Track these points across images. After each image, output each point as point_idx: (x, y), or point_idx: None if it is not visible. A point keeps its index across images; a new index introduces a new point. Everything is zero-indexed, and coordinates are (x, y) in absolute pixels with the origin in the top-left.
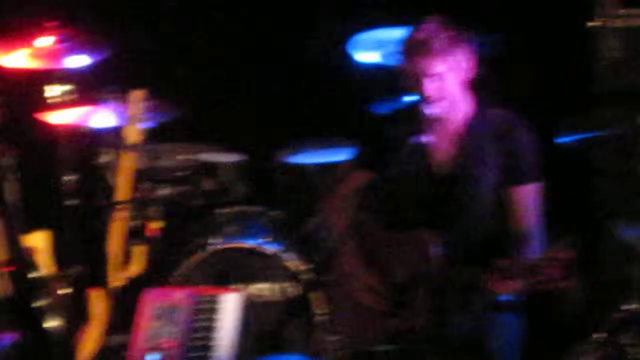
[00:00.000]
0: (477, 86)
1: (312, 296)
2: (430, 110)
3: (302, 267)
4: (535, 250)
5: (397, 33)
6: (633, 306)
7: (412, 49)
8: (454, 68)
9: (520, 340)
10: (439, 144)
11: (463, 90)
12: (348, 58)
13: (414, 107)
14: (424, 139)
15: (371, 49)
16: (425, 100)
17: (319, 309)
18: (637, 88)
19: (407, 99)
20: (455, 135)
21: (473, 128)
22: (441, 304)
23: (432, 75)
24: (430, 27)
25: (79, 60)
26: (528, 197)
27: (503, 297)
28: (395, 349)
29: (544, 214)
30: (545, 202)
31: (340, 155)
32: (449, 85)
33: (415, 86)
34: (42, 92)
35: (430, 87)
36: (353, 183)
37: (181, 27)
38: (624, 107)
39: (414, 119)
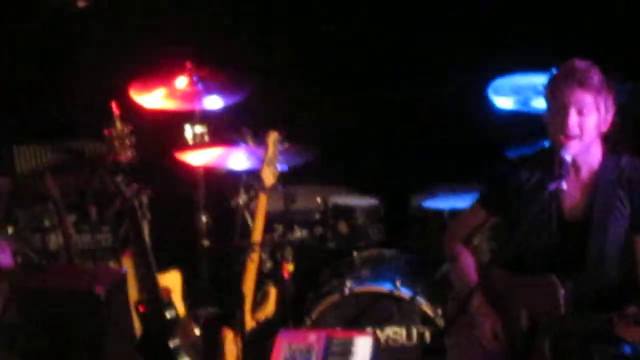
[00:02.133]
0: (612, 133)
1: (444, 341)
2: (565, 152)
3: (437, 312)
4: None
5: (536, 79)
6: None
7: (569, 75)
8: (600, 109)
9: None
10: (570, 190)
11: (598, 136)
12: (486, 103)
13: (548, 152)
14: (559, 184)
15: (509, 94)
16: (564, 134)
17: (450, 354)
18: None
19: (542, 144)
20: (587, 182)
21: (604, 176)
22: (566, 350)
23: (582, 108)
24: (588, 65)
25: (216, 102)
26: None
27: (627, 349)
28: None
29: None
30: None
31: (472, 200)
32: (590, 126)
33: (557, 119)
34: (179, 132)
35: (574, 120)
36: (480, 226)
37: (319, 71)
38: None
39: (548, 165)
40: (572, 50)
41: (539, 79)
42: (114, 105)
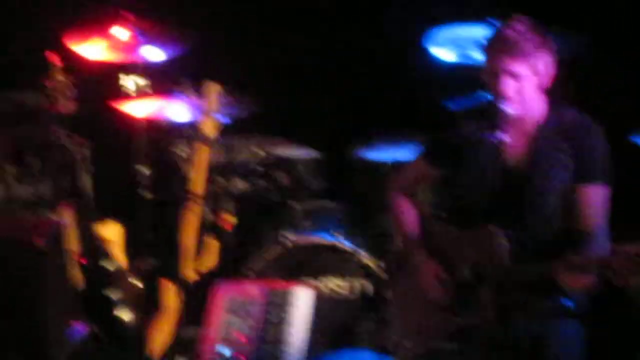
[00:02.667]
0: (554, 86)
1: (385, 293)
2: (505, 108)
3: (376, 264)
4: (601, 249)
5: (475, 31)
6: None
7: (499, 46)
8: (536, 71)
9: (582, 347)
10: (513, 141)
11: (539, 92)
12: (425, 54)
13: (489, 104)
14: (499, 136)
15: (448, 45)
16: (502, 99)
17: (390, 306)
18: None
19: (483, 96)
20: (528, 134)
21: (546, 128)
22: (506, 302)
23: (514, 75)
24: (520, 27)
25: (156, 53)
26: (595, 197)
27: (567, 302)
28: (458, 348)
29: (609, 215)
30: (621, 202)
31: (414, 151)
32: (528, 87)
33: (494, 84)
34: (119, 84)
35: (509, 86)
36: (422, 179)
37: (258, 23)
38: None
39: (489, 117)
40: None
41: (479, 31)
42: (53, 56)
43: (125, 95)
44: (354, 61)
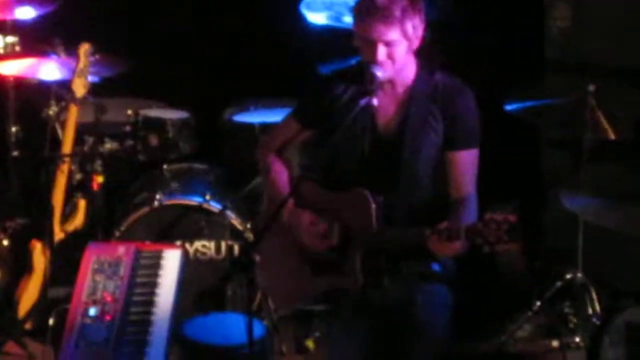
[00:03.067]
0: (425, 51)
1: (252, 254)
2: (378, 73)
3: (246, 226)
4: (471, 213)
5: None
6: (574, 274)
7: (370, 13)
8: (407, 35)
9: (449, 312)
10: (383, 106)
11: (410, 56)
12: (298, 17)
13: (361, 68)
14: (369, 100)
15: (321, 9)
16: (374, 64)
17: (257, 268)
18: (587, 57)
19: (354, 59)
20: (399, 98)
21: (417, 92)
22: (375, 266)
23: (387, 42)
24: None
25: (27, 12)
26: (466, 162)
27: (436, 266)
28: (326, 309)
29: (482, 180)
30: (491, 168)
31: (285, 114)
32: (399, 51)
33: (366, 50)
34: None
35: (382, 52)
36: (293, 139)
37: None
38: (573, 75)
39: (361, 80)
40: None
41: None
42: None
43: None
44: (227, 23)
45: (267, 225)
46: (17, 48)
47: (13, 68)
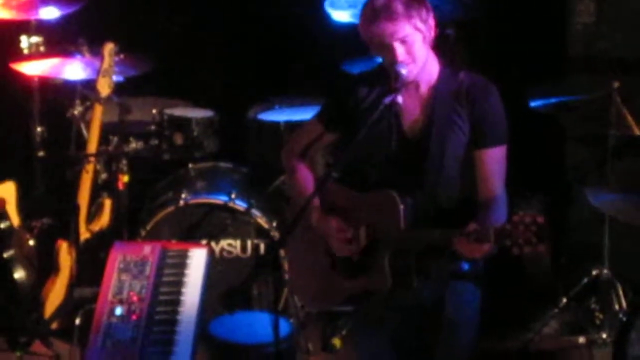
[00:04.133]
0: (449, 48)
1: (282, 253)
2: (403, 70)
3: (272, 224)
4: (500, 213)
5: None
6: (600, 271)
7: (373, 18)
8: (419, 28)
9: (478, 311)
10: (410, 105)
11: (430, 51)
12: (323, 16)
13: (385, 69)
14: (394, 97)
15: (345, 7)
16: (396, 63)
17: (287, 267)
18: (611, 53)
19: (378, 59)
20: (424, 98)
21: (441, 91)
22: (404, 267)
23: (401, 39)
24: None
25: (52, 12)
26: (494, 160)
27: (465, 266)
28: (356, 311)
29: (508, 177)
30: (517, 165)
31: (311, 113)
32: (417, 46)
33: (385, 54)
34: (14, 42)
35: (401, 51)
36: (318, 141)
37: None
38: (598, 72)
39: (386, 81)
40: None
41: None
42: None
43: (21, 54)
44: (251, 21)
45: (292, 224)
46: (42, 48)
47: (38, 68)
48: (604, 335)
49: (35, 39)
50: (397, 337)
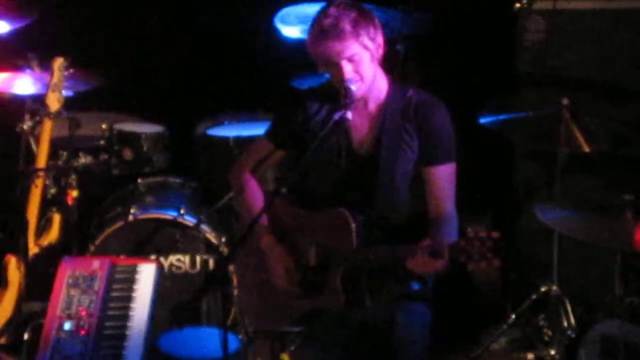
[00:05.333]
0: (399, 64)
1: (231, 269)
2: (353, 87)
3: (221, 240)
4: (451, 230)
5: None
6: (549, 287)
7: (321, 36)
8: (367, 46)
9: (428, 329)
10: (358, 123)
11: (378, 69)
12: (273, 32)
13: (335, 85)
14: (343, 113)
15: (295, 23)
16: (344, 81)
17: (236, 284)
18: (561, 70)
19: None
20: (372, 115)
21: (390, 108)
22: (356, 285)
23: (348, 58)
24: (334, 10)
25: (1, 26)
26: (444, 178)
27: (415, 286)
28: (304, 331)
29: (457, 194)
30: (466, 181)
31: (261, 129)
32: (365, 64)
33: (332, 71)
34: None
35: (348, 69)
36: (267, 159)
37: None
38: (547, 88)
39: (335, 98)
40: None
41: None
42: None
43: None
44: (202, 37)
45: (241, 240)
46: None
47: None
48: (553, 352)
49: None
50: (346, 356)
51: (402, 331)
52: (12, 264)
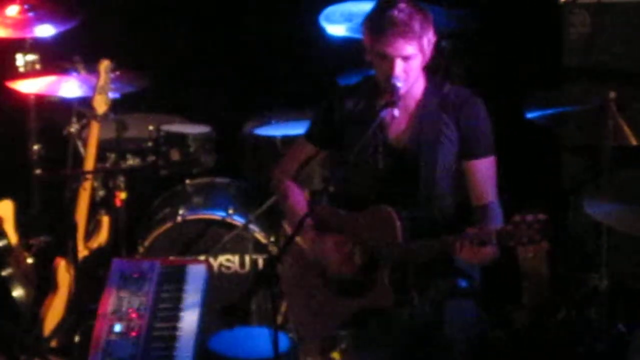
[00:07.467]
0: (444, 60)
1: (277, 268)
2: (399, 84)
3: (270, 239)
4: (496, 222)
5: (367, 6)
6: (598, 281)
7: (388, 28)
8: (424, 50)
9: (478, 326)
10: (395, 120)
11: (423, 69)
12: (318, 30)
13: (372, 81)
14: (388, 111)
15: (340, 21)
16: (391, 78)
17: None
18: (606, 63)
19: (367, 72)
20: (411, 110)
21: (428, 103)
22: (404, 282)
23: (405, 57)
24: (405, 7)
25: (47, 30)
26: (484, 170)
27: (462, 282)
28: (353, 334)
29: (504, 188)
30: (513, 176)
31: (306, 128)
32: (415, 66)
33: (381, 64)
34: (10, 61)
35: (400, 67)
36: (307, 160)
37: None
38: (593, 82)
39: (373, 92)
40: None
41: (370, 6)
42: None
43: (17, 73)
44: (247, 36)
45: (289, 239)
46: (38, 66)
47: (34, 86)
48: (602, 347)
49: (30, 57)
50: (396, 354)
51: (451, 329)
52: (62, 267)
